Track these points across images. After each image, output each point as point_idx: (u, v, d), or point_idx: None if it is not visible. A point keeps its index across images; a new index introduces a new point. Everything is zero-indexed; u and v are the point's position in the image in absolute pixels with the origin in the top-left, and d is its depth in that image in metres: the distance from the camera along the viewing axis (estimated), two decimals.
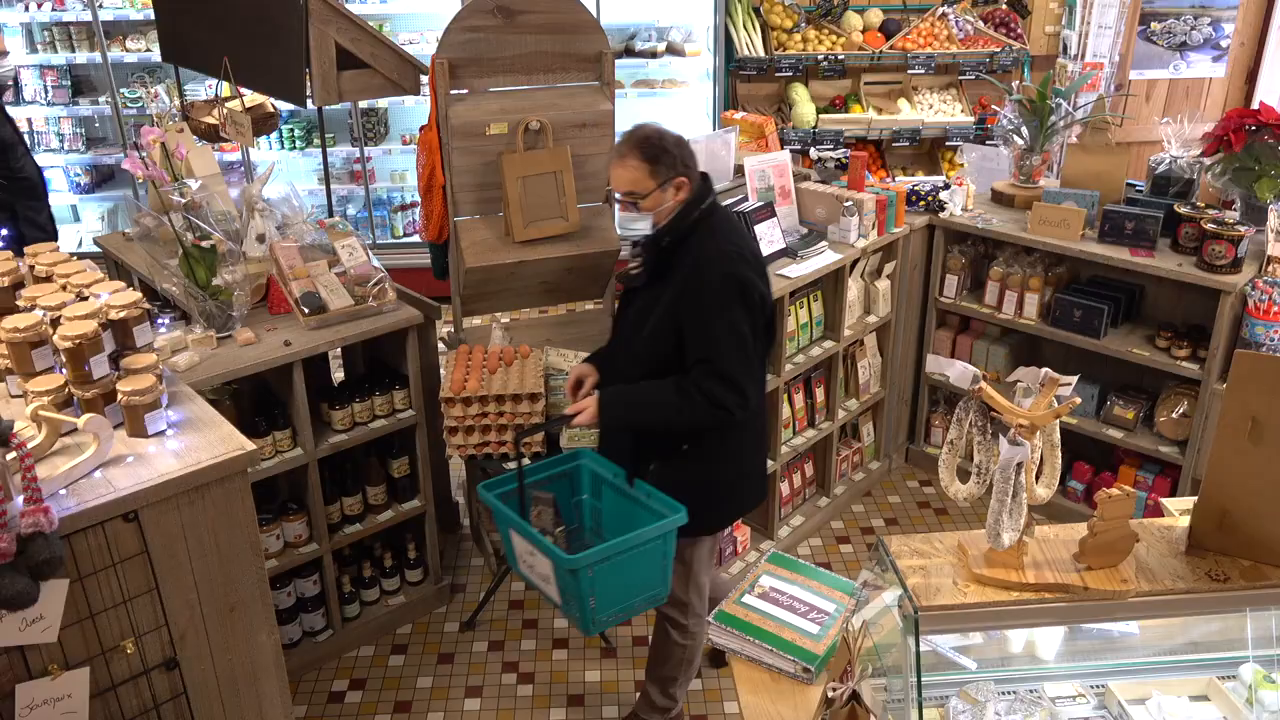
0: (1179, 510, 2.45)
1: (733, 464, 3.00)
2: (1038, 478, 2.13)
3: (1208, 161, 4.12)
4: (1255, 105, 4.39)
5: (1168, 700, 2.41)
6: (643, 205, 2.77)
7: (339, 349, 3.67)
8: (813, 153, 4.85)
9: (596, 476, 3.02)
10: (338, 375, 4.21)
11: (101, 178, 6.73)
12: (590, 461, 3.03)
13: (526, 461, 3.01)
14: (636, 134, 2.77)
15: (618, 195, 2.81)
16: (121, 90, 6.23)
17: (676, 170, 2.76)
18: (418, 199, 4.57)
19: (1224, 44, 6.46)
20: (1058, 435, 2.10)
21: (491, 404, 3.49)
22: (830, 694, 2.12)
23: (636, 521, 2.84)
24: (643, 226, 2.83)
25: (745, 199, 4.01)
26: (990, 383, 2.05)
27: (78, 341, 2.29)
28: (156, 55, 5.86)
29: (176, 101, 5.25)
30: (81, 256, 2.90)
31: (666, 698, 3.31)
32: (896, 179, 6.02)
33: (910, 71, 6.14)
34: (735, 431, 2.93)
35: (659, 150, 2.73)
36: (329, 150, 6.04)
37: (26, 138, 6.35)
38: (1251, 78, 6.57)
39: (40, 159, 6.42)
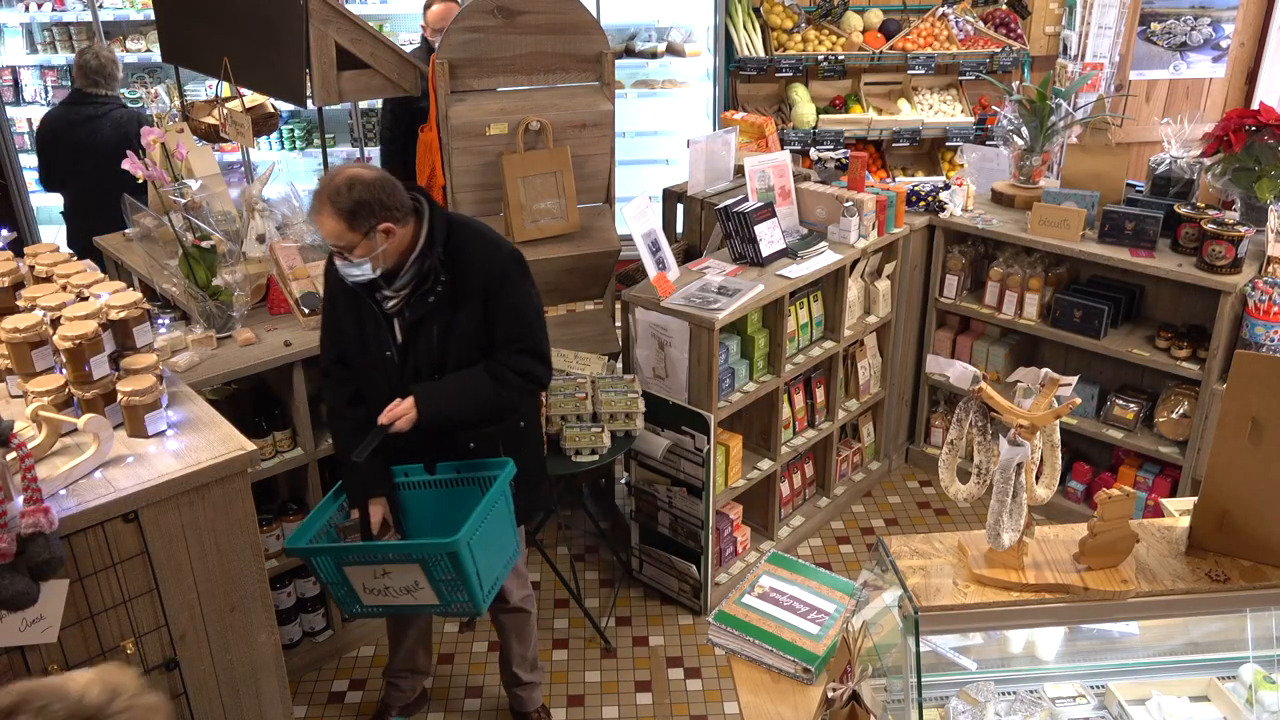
0: (1179, 510, 2.45)
1: (536, 451, 3.18)
2: (1038, 478, 2.13)
3: (1208, 162, 4.12)
4: (1255, 105, 4.39)
5: (1168, 700, 2.41)
6: (354, 256, 2.64)
7: None
8: (813, 153, 4.85)
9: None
10: None
11: None
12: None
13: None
14: (329, 187, 2.61)
15: (331, 247, 2.69)
16: (122, 90, 6.22)
17: (376, 217, 2.61)
18: None
19: (1224, 44, 6.46)
20: (1058, 435, 2.10)
21: None
22: (830, 694, 2.12)
23: (458, 501, 2.90)
24: (365, 271, 2.68)
25: (745, 199, 4.01)
26: (990, 383, 2.05)
27: (78, 342, 2.29)
28: (156, 55, 5.86)
29: (176, 101, 5.25)
30: (82, 256, 2.90)
31: (539, 669, 3.53)
32: (896, 179, 6.02)
33: (910, 72, 6.13)
34: (535, 416, 3.12)
35: (352, 204, 2.59)
36: (329, 150, 6.04)
37: (27, 138, 6.37)
38: (1251, 78, 6.57)
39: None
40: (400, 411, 2.75)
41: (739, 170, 4.45)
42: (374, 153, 6.45)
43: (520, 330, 2.86)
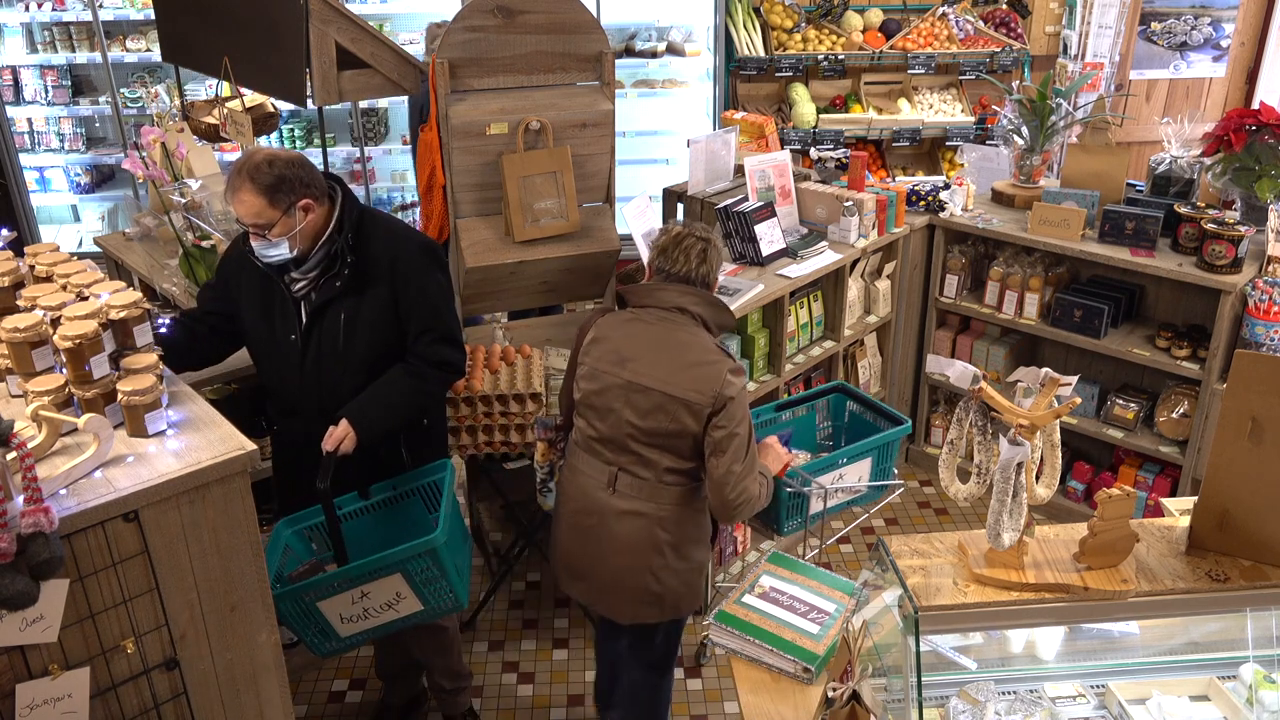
0: (1179, 510, 2.45)
1: (440, 448, 3.25)
2: (1038, 478, 2.13)
3: (1208, 161, 4.12)
4: (1255, 105, 4.39)
5: (1168, 700, 2.41)
6: (272, 235, 2.69)
7: None
8: (813, 153, 4.85)
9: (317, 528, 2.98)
10: None
11: (101, 178, 6.73)
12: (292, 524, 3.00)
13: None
14: (247, 165, 2.67)
15: (248, 227, 2.73)
16: (121, 90, 6.22)
17: (296, 194, 2.68)
18: (418, 199, 4.58)
19: (1224, 44, 6.46)
20: (1058, 435, 2.11)
21: (495, 404, 3.49)
22: (830, 694, 2.12)
23: (390, 518, 2.95)
24: (283, 251, 2.73)
25: (745, 199, 4.01)
26: (990, 383, 2.05)
27: (78, 341, 2.29)
28: (156, 55, 5.86)
29: (176, 101, 5.24)
30: (81, 256, 2.90)
31: (464, 676, 3.47)
32: (896, 179, 6.01)
33: (910, 71, 6.13)
34: (438, 411, 3.23)
35: (273, 180, 2.65)
36: (329, 150, 6.04)
37: (27, 138, 6.37)
38: (1251, 78, 6.56)
39: (40, 159, 6.44)
40: (339, 436, 2.78)
41: (739, 170, 4.45)
42: (374, 152, 6.46)
43: (431, 320, 2.88)
